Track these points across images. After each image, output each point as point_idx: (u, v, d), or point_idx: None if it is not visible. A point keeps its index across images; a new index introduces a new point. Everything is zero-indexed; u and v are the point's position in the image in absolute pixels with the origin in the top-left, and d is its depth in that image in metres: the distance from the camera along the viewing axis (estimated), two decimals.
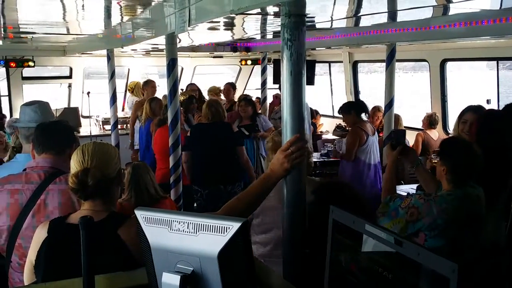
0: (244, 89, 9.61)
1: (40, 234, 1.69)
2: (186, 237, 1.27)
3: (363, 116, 5.14)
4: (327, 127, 8.35)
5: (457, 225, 2.33)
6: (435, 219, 2.30)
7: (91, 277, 1.35)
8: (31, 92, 8.39)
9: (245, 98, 5.93)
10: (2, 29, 5.24)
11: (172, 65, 3.99)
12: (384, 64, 4.88)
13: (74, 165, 1.68)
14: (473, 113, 3.18)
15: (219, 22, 3.57)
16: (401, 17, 4.30)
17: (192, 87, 7.02)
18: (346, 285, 1.14)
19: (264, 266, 1.54)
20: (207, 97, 7.16)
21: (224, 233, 1.23)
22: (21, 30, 5.40)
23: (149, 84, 7.05)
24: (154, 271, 1.35)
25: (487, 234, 2.56)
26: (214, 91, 7.50)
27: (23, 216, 2.06)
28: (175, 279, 1.25)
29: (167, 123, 4.85)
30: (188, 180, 4.63)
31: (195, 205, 4.80)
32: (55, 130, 2.26)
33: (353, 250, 1.11)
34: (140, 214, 1.36)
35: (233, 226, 1.23)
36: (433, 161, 4.48)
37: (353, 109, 5.04)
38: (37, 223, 2.03)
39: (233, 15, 2.51)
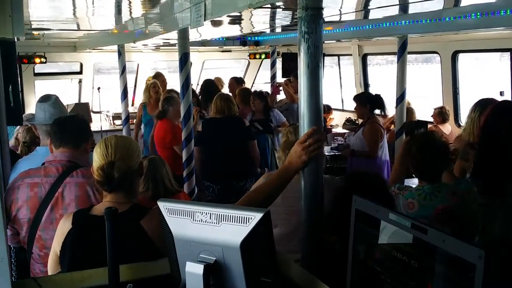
0: (253, 83, 9.61)
1: (64, 226, 1.73)
2: (209, 227, 1.30)
3: (376, 112, 5.05)
4: (337, 120, 8.32)
5: (427, 221, 2.32)
6: (401, 212, 2.31)
7: (116, 267, 1.38)
8: (43, 88, 8.47)
9: (255, 92, 5.95)
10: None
11: (184, 59, 4.01)
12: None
13: (98, 158, 1.71)
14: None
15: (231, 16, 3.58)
16: (412, 9, 4.26)
17: (207, 81, 6.92)
18: (370, 274, 1.16)
19: (284, 256, 1.56)
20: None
21: (246, 223, 1.25)
22: (33, 26, 5.44)
23: (159, 78, 6.97)
24: (177, 261, 1.38)
25: (495, 229, 2.53)
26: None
27: (43, 208, 2.12)
28: (199, 268, 1.28)
29: (166, 116, 4.86)
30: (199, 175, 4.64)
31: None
32: (72, 125, 2.31)
33: (376, 239, 1.13)
34: (163, 205, 1.39)
35: (255, 217, 1.25)
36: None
37: (369, 103, 4.92)
38: (56, 215, 2.09)
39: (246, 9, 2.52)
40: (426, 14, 4.34)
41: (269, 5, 2.43)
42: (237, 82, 7.26)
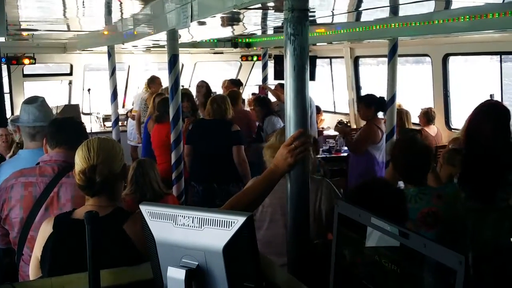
0: (245, 85, 9.59)
1: (45, 230, 1.70)
2: (191, 231, 1.27)
3: (379, 114, 5.05)
4: (328, 123, 8.32)
5: (412, 224, 2.32)
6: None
7: (96, 272, 1.36)
8: (32, 89, 8.39)
9: (256, 98, 5.89)
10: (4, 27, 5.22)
11: (173, 61, 3.98)
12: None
13: (80, 161, 1.68)
14: None
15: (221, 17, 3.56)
16: (403, 11, 4.27)
17: (200, 83, 6.93)
18: (352, 278, 1.14)
19: (268, 260, 1.54)
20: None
21: (229, 227, 1.23)
22: (22, 27, 5.39)
23: (155, 81, 6.97)
24: (159, 265, 1.35)
25: (487, 234, 2.51)
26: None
27: (37, 208, 2.09)
28: (180, 274, 1.26)
29: (164, 119, 4.80)
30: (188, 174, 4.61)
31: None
32: (69, 126, 2.32)
33: (358, 244, 1.12)
34: (145, 209, 1.36)
35: (238, 220, 1.23)
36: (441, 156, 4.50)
37: (374, 104, 4.94)
38: (50, 215, 2.05)
39: (235, 10, 2.50)
40: (416, 16, 4.36)
41: (255, 6, 2.42)
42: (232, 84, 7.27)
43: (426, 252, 0.91)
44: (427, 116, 5.88)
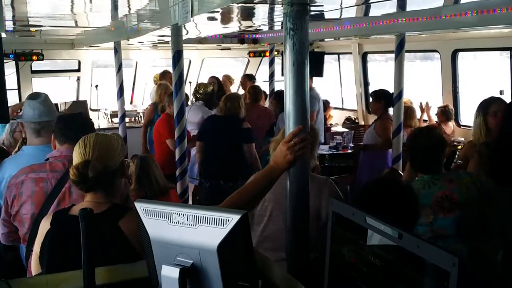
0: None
1: (44, 226, 1.70)
2: (186, 229, 1.26)
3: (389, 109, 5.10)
4: (336, 119, 8.27)
5: (429, 209, 2.32)
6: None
7: (91, 269, 1.35)
8: (40, 86, 8.44)
9: (275, 92, 5.84)
10: (12, 22, 5.25)
11: (177, 57, 3.96)
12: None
13: (76, 156, 1.68)
14: (500, 103, 3.04)
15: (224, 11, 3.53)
16: (410, 6, 4.20)
17: (212, 80, 6.90)
18: (347, 279, 1.11)
19: (266, 258, 1.52)
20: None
21: (223, 225, 1.22)
22: (30, 23, 5.41)
23: (167, 76, 6.97)
24: (154, 263, 1.34)
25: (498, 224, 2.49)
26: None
27: (48, 204, 2.10)
28: (175, 272, 1.24)
29: (167, 111, 4.84)
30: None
31: (197, 197, 4.80)
32: (77, 122, 2.34)
33: (353, 243, 1.09)
34: (140, 206, 1.35)
35: (233, 219, 1.21)
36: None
37: (384, 99, 5.03)
38: None
39: (235, 5, 2.47)
40: (424, 12, 4.29)
41: (256, 0, 2.39)
42: (248, 79, 7.43)
43: (419, 253, 0.88)
44: (446, 114, 5.84)
